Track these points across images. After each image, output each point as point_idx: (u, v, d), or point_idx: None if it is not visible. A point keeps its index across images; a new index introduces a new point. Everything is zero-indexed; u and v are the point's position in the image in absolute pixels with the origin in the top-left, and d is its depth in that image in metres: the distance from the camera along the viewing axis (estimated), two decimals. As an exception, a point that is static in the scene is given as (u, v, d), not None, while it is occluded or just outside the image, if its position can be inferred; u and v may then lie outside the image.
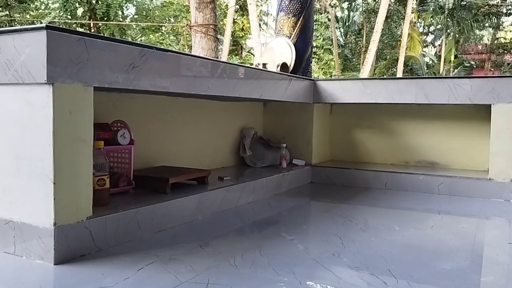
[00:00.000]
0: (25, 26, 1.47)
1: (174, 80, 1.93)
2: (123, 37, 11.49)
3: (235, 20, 11.21)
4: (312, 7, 4.03)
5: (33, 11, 11.03)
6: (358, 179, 3.28)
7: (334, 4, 18.77)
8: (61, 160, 1.47)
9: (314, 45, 12.29)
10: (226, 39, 10.98)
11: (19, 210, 1.54)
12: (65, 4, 10.53)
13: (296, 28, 3.88)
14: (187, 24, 6.75)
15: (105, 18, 10.84)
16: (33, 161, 1.48)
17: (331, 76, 17.25)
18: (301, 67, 3.89)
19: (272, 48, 3.97)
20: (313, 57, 13.11)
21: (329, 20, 17.89)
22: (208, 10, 5.52)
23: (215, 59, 2.55)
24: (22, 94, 1.49)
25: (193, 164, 2.72)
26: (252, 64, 3.83)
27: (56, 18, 10.65)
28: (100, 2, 10.74)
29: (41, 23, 10.41)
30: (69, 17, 10.82)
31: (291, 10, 3.88)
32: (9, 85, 1.52)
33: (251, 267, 1.50)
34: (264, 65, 3.69)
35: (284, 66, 3.73)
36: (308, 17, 3.92)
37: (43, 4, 11.14)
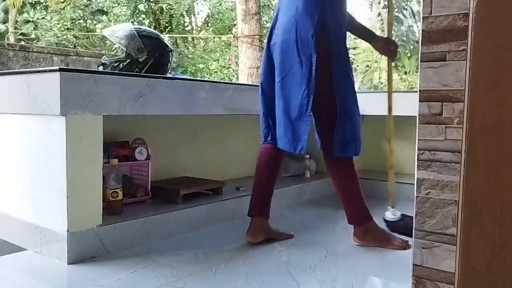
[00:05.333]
0: (44, 68, 1.80)
1: (181, 104, 2.18)
2: (186, 44, 12.22)
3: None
4: (345, 19, 4.11)
5: (105, 22, 12.03)
6: (381, 190, 3.33)
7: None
8: (73, 177, 1.77)
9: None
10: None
11: (44, 217, 1.87)
12: (132, 15, 11.40)
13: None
14: (233, 35, 7.07)
15: (169, 27, 11.56)
16: (53, 178, 1.80)
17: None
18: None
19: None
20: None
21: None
22: (253, 22, 5.76)
23: (225, 82, 2.76)
24: (45, 123, 1.82)
25: (221, 173, 2.95)
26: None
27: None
28: (163, 13, 11.47)
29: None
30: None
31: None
32: (36, 115, 1.85)
33: (228, 275, 1.70)
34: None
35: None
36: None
37: (115, 16, 12.10)
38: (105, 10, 12.22)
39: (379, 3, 12.94)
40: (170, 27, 11.74)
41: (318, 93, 1.90)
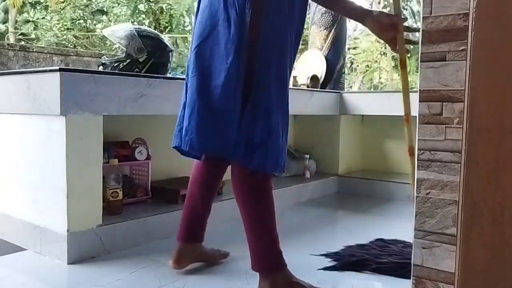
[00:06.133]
0: (44, 68, 1.80)
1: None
2: (186, 44, 12.25)
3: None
4: (345, 20, 4.12)
5: (105, 22, 12.05)
6: (382, 190, 3.34)
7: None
8: (73, 177, 1.77)
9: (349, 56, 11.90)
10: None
11: (44, 217, 1.87)
12: (132, 15, 11.43)
13: (328, 40, 4.00)
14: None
15: (169, 27, 11.59)
16: (52, 178, 1.80)
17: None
18: (332, 78, 4.00)
19: (304, 60, 4.11)
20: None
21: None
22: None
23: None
24: (45, 123, 1.82)
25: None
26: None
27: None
28: (163, 13, 11.52)
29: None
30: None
31: (323, 23, 4.00)
32: (35, 115, 1.85)
33: (228, 275, 1.70)
34: (295, 77, 3.85)
35: (314, 78, 3.85)
36: (340, 30, 4.02)
37: (115, 16, 12.13)
38: (105, 10, 12.23)
39: (379, 3, 12.94)
40: (170, 27, 11.76)
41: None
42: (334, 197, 3.38)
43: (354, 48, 13.09)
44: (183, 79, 2.42)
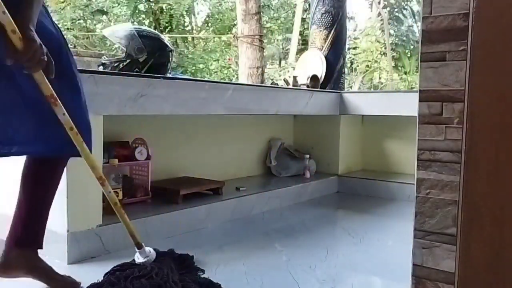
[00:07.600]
0: (44, 69, 1.79)
1: (181, 104, 2.18)
2: (186, 44, 12.28)
3: (304, 19, 11.17)
4: (345, 20, 4.12)
5: (105, 22, 12.06)
6: (382, 190, 3.34)
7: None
8: (73, 178, 1.77)
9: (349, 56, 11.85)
10: (294, 38, 10.81)
11: (44, 217, 1.87)
12: (132, 15, 11.44)
13: (328, 40, 4.00)
14: (233, 35, 7.07)
15: (169, 27, 11.60)
16: (53, 178, 1.80)
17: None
18: (332, 78, 4.00)
19: (304, 60, 4.12)
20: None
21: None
22: (253, 22, 5.76)
23: (225, 82, 2.76)
24: (45, 123, 1.81)
25: (220, 173, 2.95)
26: (291, 76, 3.99)
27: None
28: (163, 13, 11.53)
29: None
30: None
31: (323, 24, 4.01)
32: (36, 115, 1.85)
33: (228, 275, 1.70)
34: (295, 77, 3.85)
35: (314, 78, 3.85)
36: (340, 30, 4.02)
37: (115, 16, 12.13)
38: (105, 10, 12.22)
39: (379, 3, 12.95)
40: (170, 27, 11.75)
41: None
42: (334, 197, 3.38)
43: (354, 48, 13.08)
44: (183, 79, 2.44)
